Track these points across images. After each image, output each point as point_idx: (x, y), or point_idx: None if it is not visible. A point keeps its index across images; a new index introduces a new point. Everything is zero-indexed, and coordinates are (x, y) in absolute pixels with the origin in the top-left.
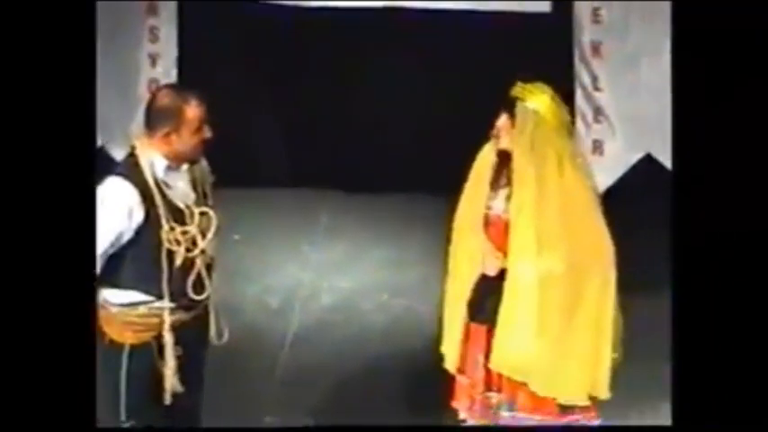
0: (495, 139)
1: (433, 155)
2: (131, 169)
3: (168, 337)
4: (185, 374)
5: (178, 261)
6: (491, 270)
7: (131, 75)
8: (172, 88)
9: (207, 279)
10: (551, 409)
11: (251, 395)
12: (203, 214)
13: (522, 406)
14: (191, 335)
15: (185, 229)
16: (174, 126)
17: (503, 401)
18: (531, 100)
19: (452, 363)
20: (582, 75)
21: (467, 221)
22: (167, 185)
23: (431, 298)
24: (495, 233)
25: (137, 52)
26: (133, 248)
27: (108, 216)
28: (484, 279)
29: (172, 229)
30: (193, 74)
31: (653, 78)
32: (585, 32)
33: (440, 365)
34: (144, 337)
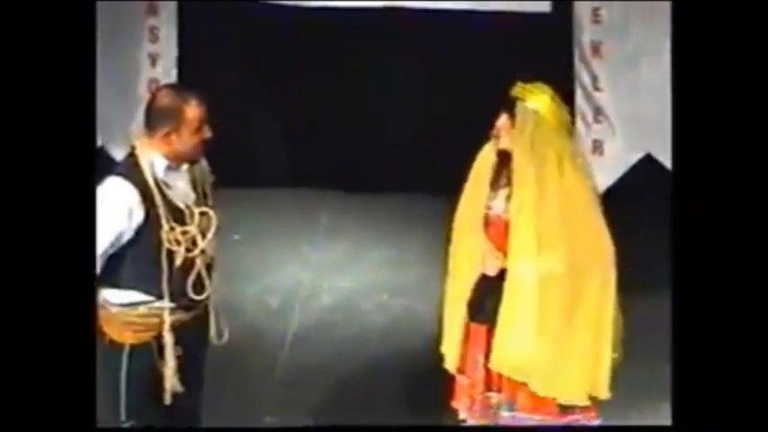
0: (495, 139)
1: (434, 155)
2: (131, 169)
3: (168, 337)
4: (185, 374)
5: (178, 261)
6: (491, 270)
7: (131, 75)
8: (172, 88)
9: (207, 279)
10: (551, 409)
11: (251, 395)
12: (203, 214)
13: (522, 406)
14: (191, 335)
15: (185, 229)
16: (174, 126)
17: (503, 401)
18: (531, 100)
19: (452, 363)
20: (582, 75)
21: (467, 221)
22: (167, 185)
23: (431, 298)
24: (495, 233)
25: (137, 52)
26: (133, 248)
27: (108, 216)
28: (484, 279)
29: (172, 229)
30: (193, 74)
31: (653, 78)
32: (585, 32)
33: (440, 365)
34: (144, 337)
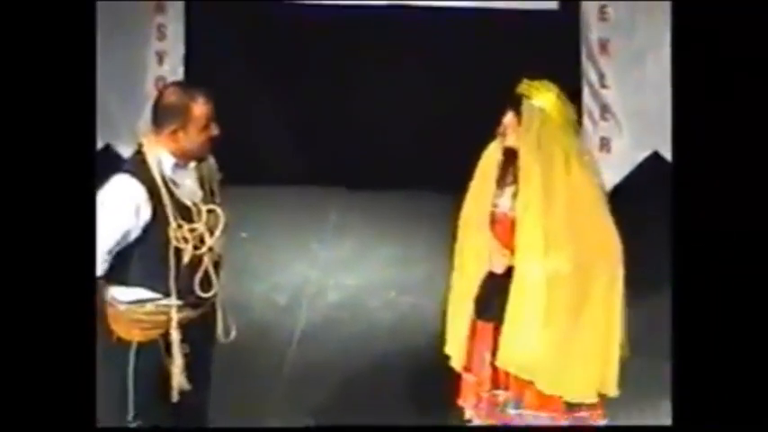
0: (502, 136)
1: (440, 153)
2: (139, 167)
3: (175, 335)
4: (192, 372)
5: (186, 259)
6: (498, 268)
7: (138, 72)
8: (179, 86)
9: (214, 276)
10: (558, 407)
11: (258, 392)
12: (211, 212)
13: (529, 404)
14: (198, 332)
15: (193, 226)
16: (182, 123)
17: (509, 399)
18: (538, 97)
19: (458, 361)
20: (589, 72)
21: (473, 219)
22: (175, 183)
23: (437, 296)
24: (502, 231)
25: (144, 50)
26: (141, 246)
27: (115, 213)
28: (491, 276)
29: (179, 226)
30: (200, 72)
31: (660, 76)
32: (592, 30)
33: (446, 363)
34: (151, 334)
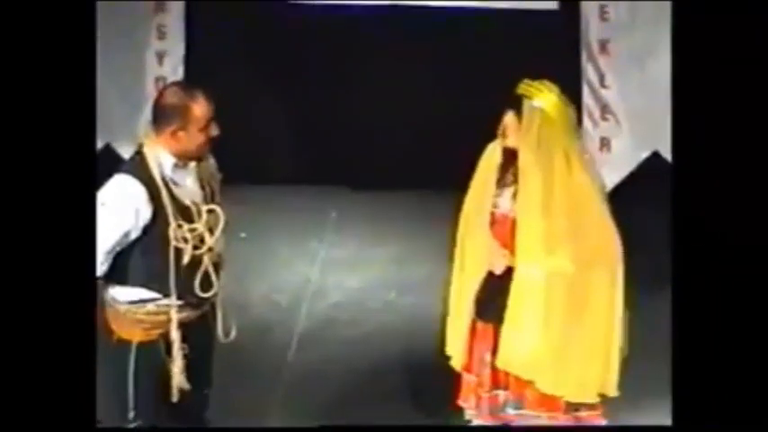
0: (502, 136)
1: (441, 153)
2: (139, 167)
3: (175, 335)
4: (192, 372)
5: (186, 259)
6: (498, 268)
7: (138, 72)
8: (179, 86)
9: (214, 277)
10: (558, 407)
11: (258, 392)
12: (211, 212)
13: (529, 404)
14: (198, 332)
15: (193, 226)
16: (182, 124)
17: (509, 399)
18: (538, 98)
19: (459, 361)
20: (589, 72)
21: (473, 219)
22: (175, 183)
23: (438, 296)
24: (501, 231)
25: (144, 50)
26: (141, 246)
27: (116, 214)
28: (491, 277)
29: (179, 226)
30: (200, 71)
31: (660, 76)
32: (593, 30)
33: (447, 364)
34: (151, 334)
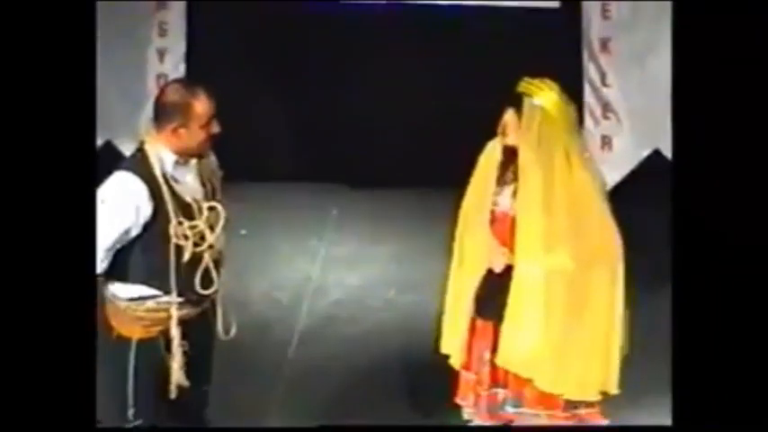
0: (502, 135)
1: (441, 151)
2: (140, 164)
3: (175, 332)
4: (192, 369)
5: (186, 256)
6: (497, 266)
7: (139, 70)
8: (180, 83)
9: (215, 274)
10: (557, 405)
11: (258, 390)
12: (212, 209)
13: (528, 402)
14: (198, 330)
15: (193, 223)
16: (183, 121)
17: (508, 397)
18: (538, 96)
19: (458, 359)
20: (590, 71)
21: (473, 217)
22: (176, 180)
23: (438, 294)
24: (501, 229)
25: (145, 47)
26: (141, 243)
27: (116, 211)
28: (490, 275)
29: (180, 223)
30: (202, 69)
31: (661, 74)
32: (594, 28)
33: (447, 362)
34: (151, 331)
